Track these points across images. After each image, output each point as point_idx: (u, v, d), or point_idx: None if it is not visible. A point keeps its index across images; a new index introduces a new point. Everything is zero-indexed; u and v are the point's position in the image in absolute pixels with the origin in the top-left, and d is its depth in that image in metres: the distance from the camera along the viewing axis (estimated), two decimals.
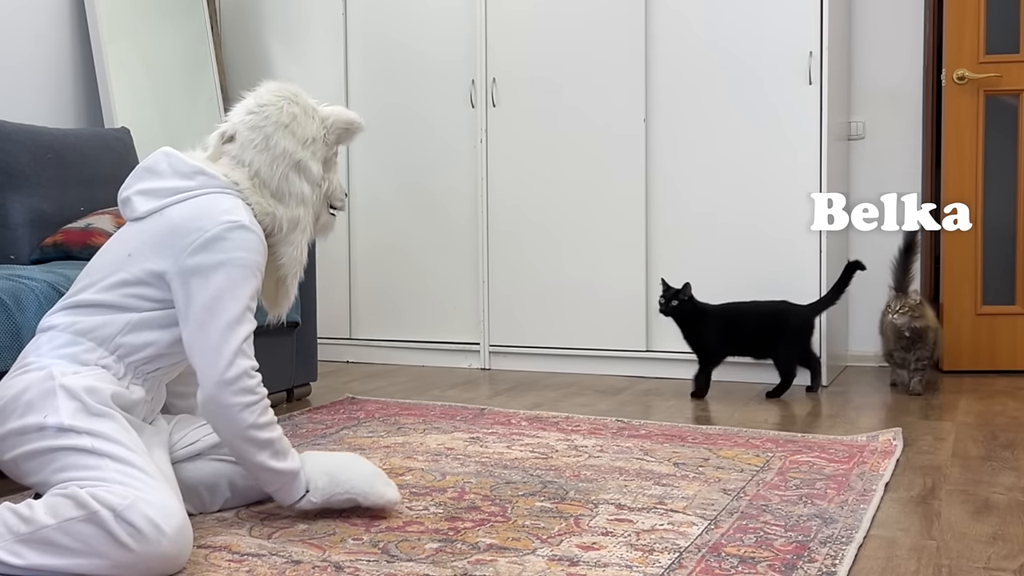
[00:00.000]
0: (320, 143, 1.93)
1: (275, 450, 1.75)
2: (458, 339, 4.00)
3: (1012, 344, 3.70)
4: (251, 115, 1.89)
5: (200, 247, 1.72)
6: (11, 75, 3.49)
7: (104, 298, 1.76)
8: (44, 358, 1.72)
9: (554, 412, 2.96)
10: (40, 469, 1.64)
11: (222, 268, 1.72)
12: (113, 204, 3.20)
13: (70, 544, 1.50)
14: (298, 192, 1.88)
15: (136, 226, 1.83)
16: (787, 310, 3.22)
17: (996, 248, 3.75)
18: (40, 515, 1.52)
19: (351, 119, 1.97)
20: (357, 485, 1.83)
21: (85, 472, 1.57)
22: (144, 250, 1.77)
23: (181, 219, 1.76)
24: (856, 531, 1.75)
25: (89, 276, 1.81)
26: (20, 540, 1.51)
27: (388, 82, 4.07)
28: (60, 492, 1.54)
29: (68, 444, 1.60)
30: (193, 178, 1.82)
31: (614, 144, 3.70)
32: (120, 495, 1.51)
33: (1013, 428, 2.70)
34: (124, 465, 1.59)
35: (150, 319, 1.76)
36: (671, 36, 3.61)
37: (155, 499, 1.53)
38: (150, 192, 1.84)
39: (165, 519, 1.52)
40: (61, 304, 1.81)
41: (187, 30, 4.18)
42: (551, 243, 3.82)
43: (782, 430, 2.69)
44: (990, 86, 3.71)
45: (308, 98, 1.94)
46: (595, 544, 1.69)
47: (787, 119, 3.46)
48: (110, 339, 1.74)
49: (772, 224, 3.49)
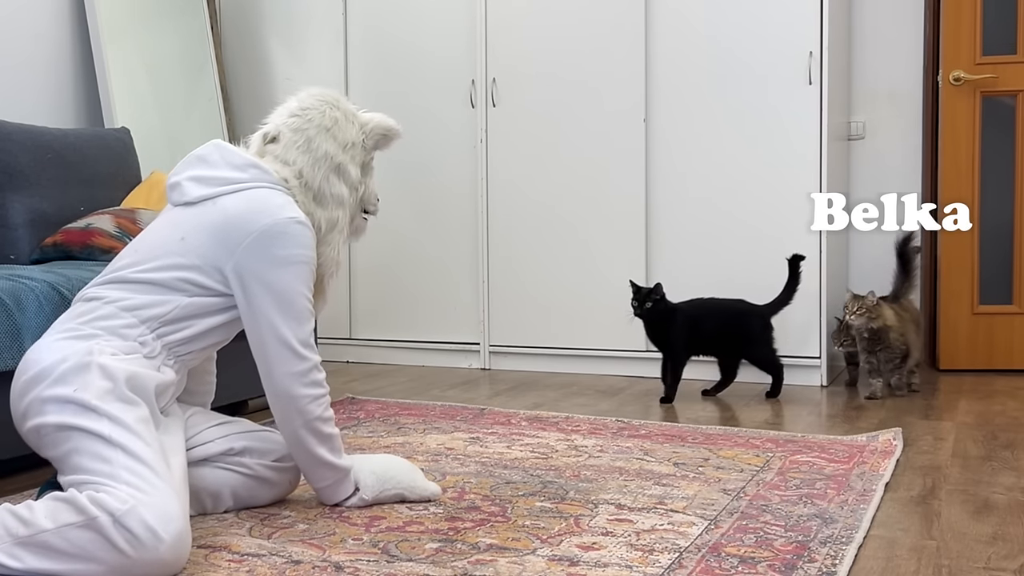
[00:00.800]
0: (359, 148, 1.99)
1: (334, 446, 1.85)
2: (458, 339, 4.00)
3: (1009, 343, 3.71)
4: (294, 118, 1.94)
5: (262, 241, 1.77)
6: (11, 75, 3.49)
7: (156, 278, 1.78)
8: (86, 327, 1.73)
9: (554, 412, 2.96)
10: (57, 444, 1.64)
11: (289, 264, 1.78)
12: (112, 204, 3.20)
13: (67, 549, 1.50)
14: (337, 194, 1.93)
15: (188, 211, 1.85)
16: (751, 310, 3.22)
17: (993, 248, 3.76)
18: (39, 519, 1.52)
19: (389, 126, 2.03)
20: (402, 482, 1.94)
21: (95, 464, 1.57)
22: (198, 236, 1.80)
23: (237, 210, 1.80)
24: (856, 531, 1.75)
25: (137, 254, 1.83)
26: (19, 543, 1.51)
27: (388, 82, 4.07)
28: (60, 497, 1.54)
29: (87, 426, 1.60)
30: (246, 170, 1.86)
31: (614, 144, 3.70)
32: (120, 499, 1.51)
33: (1013, 428, 2.70)
34: (134, 461, 1.58)
35: (197, 304, 1.79)
36: (671, 36, 3.61)
37: (156, 503, 1.53)
38: (202, 179, 1.87)
39: (163, 525, 1.51)
40: (105, 278, 1.82)
41: (187, 30, 4.18)
42: (551, 243, 3.82)
43: (782, 430, 2.69)
44: (987, 87, 3.73)
45: (348, 103, 2.00)
46: (595, 544, 1.69)
47: (787, 119, 3.46)
48: (156, 319, 1.76)
49: (772, 224, 3.49)
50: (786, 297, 3.21)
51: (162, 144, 3.93)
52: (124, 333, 1.73)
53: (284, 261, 1.78)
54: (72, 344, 1.69)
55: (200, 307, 1.79)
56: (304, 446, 1.82)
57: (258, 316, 1.78)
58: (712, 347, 3.25)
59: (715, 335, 3.20)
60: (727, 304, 3.24)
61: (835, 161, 3.60)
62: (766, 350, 3.21)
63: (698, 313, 3.19)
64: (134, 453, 1.59)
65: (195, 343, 1.82)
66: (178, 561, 1.54)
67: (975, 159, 3.72)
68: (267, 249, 1.77)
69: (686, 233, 3.62)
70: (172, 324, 1.78)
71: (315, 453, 1.83)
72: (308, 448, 1.82)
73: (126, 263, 1.83)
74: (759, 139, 3.50)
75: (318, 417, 1.81)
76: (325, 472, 1.87)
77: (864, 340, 3.15)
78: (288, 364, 1.78)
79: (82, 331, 1.72)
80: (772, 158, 3.49)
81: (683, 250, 3.62)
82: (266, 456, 1.92)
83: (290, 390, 1.78)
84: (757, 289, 3.39)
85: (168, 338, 1.78)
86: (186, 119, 4.10)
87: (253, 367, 1.84)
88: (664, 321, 3.16)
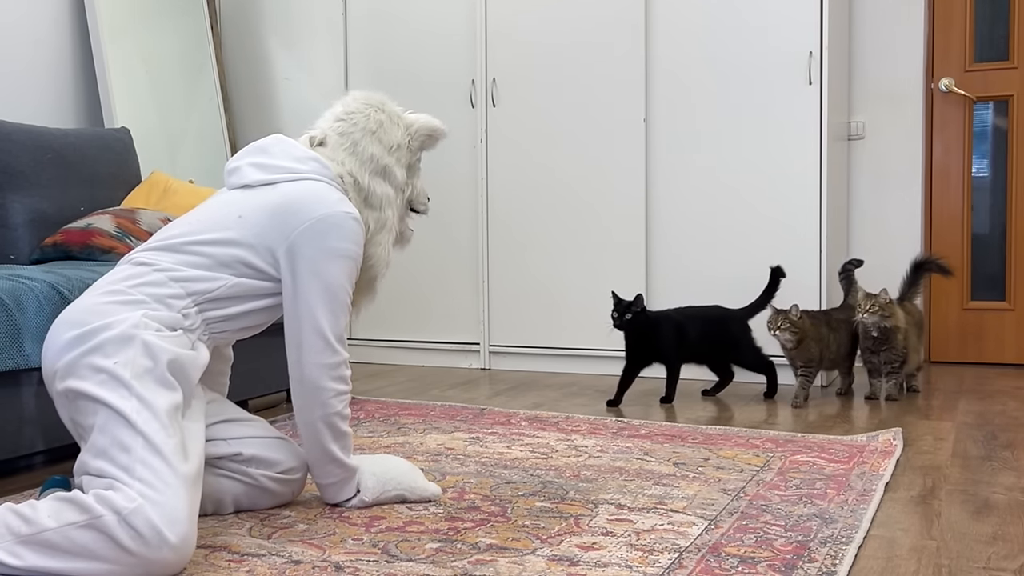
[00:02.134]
0: (405, 149, 2.01)
1: (346, 444, 1.87)
2: (458, 339, 4.00)
3: (999, 338, 3.89)
4: (340, 122, 1.99)
5: (318, 228, 1.80)
6: (11, 75, 3.49)
7: (209, 251, 1.80)
8: (135, 292, 1.73)
9: (554, 412, 2.96)
10: (85, 413, 1.63)
11: (339, 257, 1.81)
12: (112, 204, 3.20)
13: (70, 548, 1.49)
14: (384, 194, 1.96)
15: (246, 192, 1.88)
16: (729, 315, 3.21)
17: (984, 247, 3.91)
18: (42, 517, 1.51)
19: (434, 126, 2.04)
20: (403, 482, 1.95)
21: (114, 450, 1.57)
22: (256, 215, 1.82)
23: (296, 195, 1.83)
24: (856, 531, 1.75)
25: (190, 225, 1.84)
26: (21, 541, 1.50)
27: (388, 82, 4.07)
28: (64, 497, 1.54)
29: (116, 404, 1.59)
30: (306, 163, 1.90)
31: (614, 144, 3.70)
32: (129, 498, 1.51)
33: (1013, 428, 2.70)
34: (152, 453, 1.57)
35: (244, 286, 1.81)
36: (671, 36, 3.61)
37: (165, 502, 1.52)
38: (262, 166, 1.90)
39: (170, 526, 1.50)
40: (156, 244, 1.83)
41: (187, 30, 4.18)
42: (551, 243, 3.83)
43: (782, 430, 2.69)
44: (978, 92, 3.82)
45: (394, 105, 2.03)
46: (595, 544, 1.69)
47: (787, 119, 3.46)
48: (202, 294, 1.78)
49: (772, 223, 3.49)
50: (761, 303, 3.20)
51: (162, 144, 3.93)
52: (170, 303, 1.74)
53: (335, 253, 1.80)
54: (119, 310, 1.69)
55: (246, 288, 1.81)
56: (319, 439, 1.84)
57: (300, 301, 1.80)
58: (699, 354, 3.23)
59: (700, 342, 3.18)
60: (705, 311, 3.24)
61: (835, 161, 3.60)
62: (751, 352, 3.21)
63: (682, 320, 3.18)
64: (154, 444, 1.57)
65: (233, 323, 1.84)
66: (181, 562, 1.54)
67: (966, 161, 3.86)
68: (322, 238, 1.79)
69: (686, 232, 3.62)
70: (216, 301, 1.79)
71: (328, 448, 1.85)
72: (322, 442, 1.84)
73: (180, 232, 1.84)
74: (759, 139, 3.50)
75: (338, 413, 1.83)
76: (334, 469, 1.89)
77: (870, 339, 3.12)
78: (320, 355, 1.80)
79: (130, 295, 1.72)
80: (772, 158, 3.49)
81: (683, 249, 3.62)
82: (272, 467, 1.91)
83: (317, 381, 1.80)
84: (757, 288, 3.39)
85: (209, 314, 1.79)
86: (186, 119, 4.10)
87: (256, 367, 1.85)
88: (651, 331, 3.13)
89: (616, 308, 3.12)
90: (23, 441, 2.22)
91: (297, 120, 4.26)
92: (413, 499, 1.96)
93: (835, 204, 3.65)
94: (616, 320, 3.12)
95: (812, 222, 3.43)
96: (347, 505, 1.93)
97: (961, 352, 3.94)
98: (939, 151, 3.92)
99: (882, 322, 3.07)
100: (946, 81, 3.80)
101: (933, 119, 3.91)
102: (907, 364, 3.17)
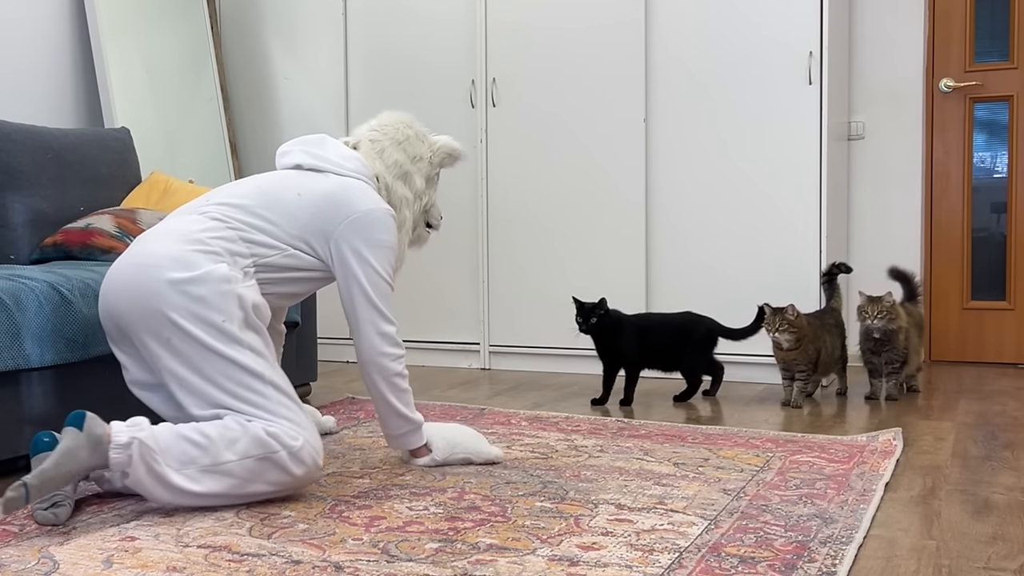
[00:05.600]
0: (426, 162, 2.29)
1: (407, 400, 2.16)
2: (458, 339, 4.00)
3: (1000, 338, 3.89)
4: (372, 131, 2.27)
5: (365, 221, 2.06)
6: (11, 75, 3.49)
7: (275, 219, 2.04)
8: (214, 243, 1.96)
9: (554, 412, 2.96)
10: (196, 361, 1.88)
11: (383, 247, 2.09)
12: (112, 204, 3.20)
13: (244, 475, 1.85)
14: (403, 197, 2.24)
15: (299, 173, 2.15)
16: (694, 320, 3.19)
17: (984, 247, 3.91)
18: (220, 449, 1.83)
19: (455, 148, 2.33)
20: (469, 447, 2.24)
21: (248, 394, 1.89)
22: (313, 196, 2.08)
23: (345, 189, 2.10)
24: (856, 531, 1.75)
25: (259, 191, 2.07)
26: (203, 470, 1.83)
27: (388, 82, 4.07)
28: (238, 426, 1.85)
29: (235, 357, 1.90)
30: (350, 161, 2.17)
31: (614, 144, 3.70)
32: (292, 436, 1.88)
33: (1013, 428, 2.70)
34: (284, 396, 1.93)
35: (297, 259, 2.06)
36: (671, 36, 3.61)
37: (312, 438, 1.93)
38: (314, 155, 2.17)
39: (319, 455, 1.94)
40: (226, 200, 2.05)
41: (187, 30, 4.18)
42: (551, 243, 3.83)
43: (782, 430, 2.69)
44: (978, 92, 3.84)
45: (421, 126, 2.32)
46: (595, 544, 1.69)
47: (787, 119, 3.46)
48: (262, 258, 2.02)
49: (772, 223, 3.49)
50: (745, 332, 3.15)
51: (162, 144, 3.94)
52: (236, 260, 1.98)
53: (379, 244, 2.08)
54: (206, 261, 1.92)
55: (297, 261, 2.06)
56: (384, 397, 2.12)
57: (352, 284, 2.07)
58: (659, 359, 3.18)
59: (661, 347, 3.15)
60: (671, 316, 3.24)
61: (835, 161, 3.60)
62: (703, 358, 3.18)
63: (645, 324, 3.16)
64: (282, 389, 1.94)
65: (276, 287, 2.07)
66: (316, 479, 2.03)
67: (966, 162, 3.87)
68: (368, 230, 2.06)
69: (686, 231, 3.62)
70: (270, 268, 2.03)
71: (392, 404, 2.12)
72: (387, 399, 2.12)
73: (245, 192, 2.07)
74: (759, 139, 3.50)
75: (397, 373, 2.11)
76: (400, 422, 2.16)
77: (872, 340, 3.12)
78: (377, 326, 2.08)
79: (211, 247, 1.95)
80: (772, 158, 3.49)
81: (683, 248, 3.62)
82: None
83: (378, 347, 2.08)
84: (757, 288, 3.39)
85: (262, 275, 2.03)
86: (186, 119, 4.11)
87: None
88: (614, 334, 3.10)
89: (580, 312, 3.10)
90: (23, 441, 2.22)
91: (297, 120, 4.26)
92: (479, 461, 2.24)
93: (835, 204, 3.65)
94: (581, 324, 3.10)
95: (812, 222, 3.43)
96: (419, 462, 2.21)
97: (961, 352, 3.94)
98: (939, 151, 3.92)
99: (889, 325, 3.08)
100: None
101: (933, 119, 3.91)
102: (908, 365, 3.16)
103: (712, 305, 3.50)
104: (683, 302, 3.56)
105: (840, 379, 3.28)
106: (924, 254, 3.93)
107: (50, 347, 2.23)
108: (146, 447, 1.79)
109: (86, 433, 1.76)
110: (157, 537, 1.74)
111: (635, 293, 3.67)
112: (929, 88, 3.90)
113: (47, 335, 2.22)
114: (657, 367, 3.20)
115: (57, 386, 2.29)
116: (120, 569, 1.57)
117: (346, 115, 4.15)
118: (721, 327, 3.19)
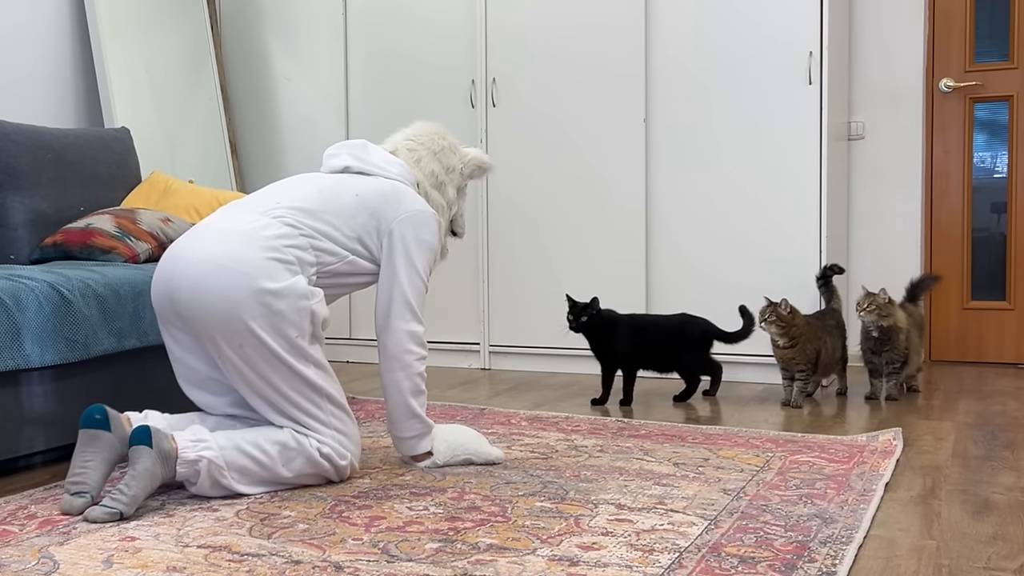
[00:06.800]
0: (457, 173, 2.36)
1: (423, 403, 2.19)
2: (458, 339, 4.00)
3: (1000, 338, 3.89)
4: (409, 140, 2.34)
5: (415, 220, 2.14)
6: (12, 75, 3.49)
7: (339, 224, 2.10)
8: (287, 252, 2.01)
9: (554, 412, 2.96)
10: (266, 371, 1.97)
11: (427, 247, 2.16)
12: (112, 204, 3.20)
13: (293, 481, 2.04)
14: (439, 204, 2.31)
15: (350, 175, 2.21)
16: (689, 321, 3.19)
17: (984, 247, 3.91)
18: (278, 466, 1.99)
19: (484, 160, 2.40)
20: (470, 448, 2.26)
21: (306, 403, 2.01)
22: (369, 195, 2.14)
23: (395, 189, 2.17)
24: (856, 531, 1.75)
25: (320, 195, 2.12)
26: (258, 481, 1.99)
27: (388, 82, 4.07)
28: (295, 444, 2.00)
29: (301, 371, 2.00)
30: (394, 165, 2.24)
31: (614, 144, 3.70)
32: (340, 454, 2.05)
33: (1013, 428, 2.70)
34: (337, 407, 2.06)
35: (354, 264, 2.13)
36: (671, 36, 3.61)
37: (356, 451, 2.10)
38: (360, 159, 2.24)
39: (357, 462, 2.13)
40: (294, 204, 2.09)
41: (187, 30, 4.18)
42: (551, 243, 3.83)
43: (782, 430, 2.69)
44: (978, 92, 3.84)
45: (453, 138, 2.40)
46: (595, 544, 1.69)
47: (787, 119, 3.46)
48: (325, 265, 2.09)
49: (772, 223, 3.49)
50: (735, 336, 3.15)
51: (162, 144, 3.94)
52: (305, 268, 2.04)
53: (425, 244, 2.16)
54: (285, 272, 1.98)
55: (353, 268, 2.13)
56: (402, 395, 2.14)
57: (393, 276, 2.13)
58: (654, 359, 3.17)
59: (655, 347, 3.14)
60: (665, 317, 3.23)
61: (835, 161, 3.60)
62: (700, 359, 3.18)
63: (638, 324, 3.15)
64: (336, 401, 2.06)
65: (330, 291, 2.14)
66: None
67: (966, 162, 3.87)
68: (417, 228, 2.14)
69: (686, 231, 3.62)
70: (331, 275, 2.10)
71: (409, 403, 2.15)
72: (405, 398, 2.15)
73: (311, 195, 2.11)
74: (759, 139, 3.50)
75: (418, 373, 2.15)
76: (413, 424, 2.19)
77: (871, 339, 3.12)
78: (407, 324, 2.13)
79: (284, 255, 2.00)
80: (772, 158, 3.49)
81: (683, 248, 3.62)
82: None
83: (403, 344, 2.12)
84: (756, 288, 3.39)
85: (323, 282, 2.09)
86: (186, 119, 4.10)
87: None
88: (607, 333, 3.09)
89: (571, 311, 3.09)
90: (23, 441, 2.22)
91: (297, 120, 4.26)
92: (479, 462, 2.25)
93: (835, 204, 3.65)
94: (572, 323, 3.09)
95: (812, 222, 3.43)
96: (421, 465, 2.23)
97: (961, 352, 3.94)
98: (939, 151, 3.92)
99: (880, 321, 3.07)
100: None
101: (933, 119, 3.92)
102: (908, 365, 3.16)
103: (712, 305, 3.50)
104: (683, 302, 3.56)
105: (840, 379, 3.28)
106: (924, 254, 3.93)
107: (50, 347, 2.23)
108: (215, 465, 1.92)
109: (156, 449, 1.86)
110: (157, 537, 1.74)
111: (635, 292, 3.67)
112: (929, 88, 3.91)
113: (47, 335, 2.22)
114: (652, 368, 3.20)
115: (57, 386, 2.29)
116: (120, 569, 1.57)
117: (346, 115, 4.15)
118: (716, 329, 3.19)
